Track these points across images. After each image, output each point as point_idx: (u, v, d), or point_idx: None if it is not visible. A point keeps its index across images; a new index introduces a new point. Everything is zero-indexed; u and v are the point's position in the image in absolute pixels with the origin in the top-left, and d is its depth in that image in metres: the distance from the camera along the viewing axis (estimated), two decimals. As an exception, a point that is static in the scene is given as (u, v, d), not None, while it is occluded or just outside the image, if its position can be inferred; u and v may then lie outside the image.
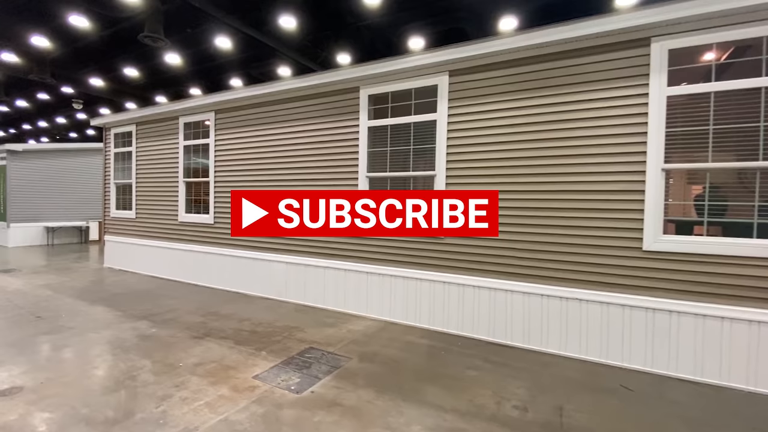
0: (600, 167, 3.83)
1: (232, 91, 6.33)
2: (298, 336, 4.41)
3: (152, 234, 7.69)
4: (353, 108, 5.26)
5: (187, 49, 15.52)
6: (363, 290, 5.22)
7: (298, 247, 5.79)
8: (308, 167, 5.69)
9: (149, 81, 19.78)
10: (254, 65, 17.19)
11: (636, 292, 3.71)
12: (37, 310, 5.22)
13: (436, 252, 4.69)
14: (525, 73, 4.15)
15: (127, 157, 8.22)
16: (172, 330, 4.51)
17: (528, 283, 4.17)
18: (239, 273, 6.43)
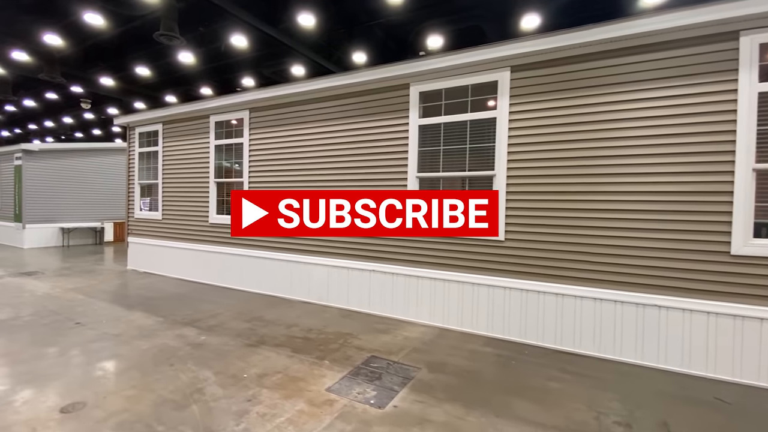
0: (683, 167, 3.63)
1: (269, 89, 6.13)
2: (355, 343, 4.22)
3: (180, 236, 7.49)
4: (402, 106, 5.07)
5: (199, 48, 15.34)
6: (413, 295, 5.02)
7: (340, 250, 5.60)
8: (351, 167, 5.49)
9: (160, 80, 19.61)
10: (266, 64, 17.02)
11: (722, 298, 3.52)
12: (74, 315, 5.02)
13: (496, 255, 4.49)
14: (599, 68, 3.95)
15: (152, 157, 8.02)
16: (222, 337, 4.32)
17: (600, 289, 3.97)
18: (276, 276, 6.23)
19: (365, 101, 5.37)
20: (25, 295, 6.02)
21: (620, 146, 3.86)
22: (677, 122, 3.64)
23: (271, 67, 17.46)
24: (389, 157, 5.17)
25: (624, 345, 3.90)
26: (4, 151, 12.29)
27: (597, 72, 3.96)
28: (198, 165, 7.19)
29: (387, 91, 5.18)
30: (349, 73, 5.34)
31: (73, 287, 6.60)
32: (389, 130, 5.17)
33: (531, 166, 4.30)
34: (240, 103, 6.51)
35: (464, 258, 4.68)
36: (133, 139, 8.34)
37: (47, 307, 5.39)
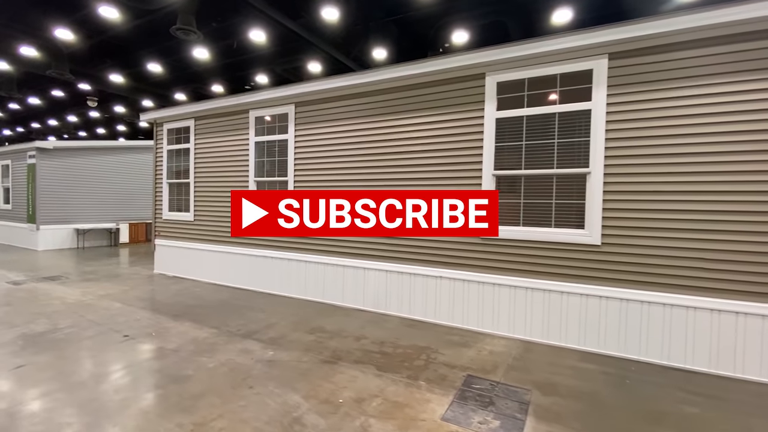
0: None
1: (318, 81, 5.71)
2: (440, 359, 3.80)
3: (214, 238, 7.06)
4: (475, 98, 4.66)
5: (211, 44, 14.90)
6: (489, 304, 4.61)
7: (400, 254, 5.19)
8: (412, 165, 5.08)
9: (170, 77, 19.15)
10: (280, 61, 16.60)
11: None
12: (118, 326, 4.59)
13: (591, 262, 4.08)
14: (720, 54, 3.55)
15: (182, 155, 7.58)
16: (291, 352, 3.89)
17: (717, 299, 3.57)
18: (326, 282, 5.81)
19: (431, 94, 4.95)
20: (56, 303, 5.58)
21: (748, 140, 3.46)
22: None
23: (285, 64, 17.04)
24: (459, 153, 4.76)
25: (747, 362, 3.50)
26: (16, 150, 11.82)
27: (722, 58, 3.54)
28: (235, 163, 6.75)
29: (458, 82, 4.76)
30: (415, 62, 4.92)
31: (104, 294, 6.16)
32: (459, 125, 4.76)
33: (631, 163, 3.89)
34: (285, 96, 6.08)
35: (552, 265, 4.27)
36: (161, 135, 7.89)
37: (85, 316, 4.95)
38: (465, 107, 4.73)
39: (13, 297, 5.86)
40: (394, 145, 5.22)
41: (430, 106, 4.97)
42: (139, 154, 13.21)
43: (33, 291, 6.27)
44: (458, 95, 4.78)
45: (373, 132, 5.39)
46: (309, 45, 13.97)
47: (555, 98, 4.26)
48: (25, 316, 4.93)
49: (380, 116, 5.32)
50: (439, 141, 4.90)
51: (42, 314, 5.01)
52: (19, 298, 5.77)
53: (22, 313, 5.03)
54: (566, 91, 4.20)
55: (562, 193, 4.25)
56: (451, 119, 4.82)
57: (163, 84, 20.13)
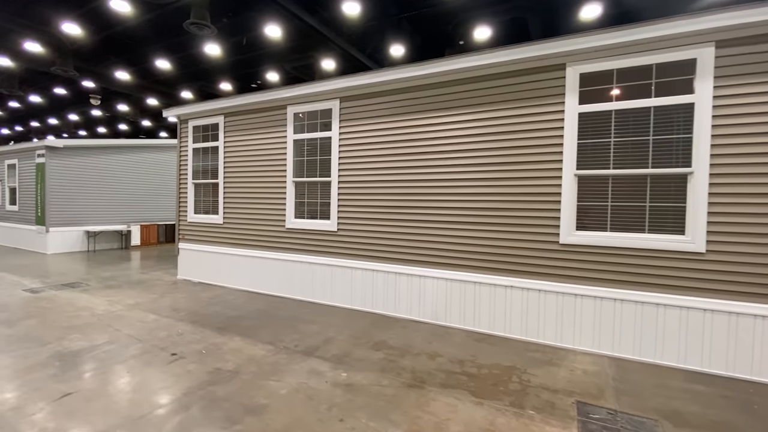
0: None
1: (367, 74, 5.29)
2: (534, 381, 3.40)
3: (246, 242, 6.62)
4: (553, 90, 4.26)
5: (224, 40, 14.45)
6: (570, 316, 4.21)
7: (464, 261, 4.78)
8: (477, 164, 4.68)
9: (177, 75, 18.67)
10: (292, 58, 16.18)
11: None
12: (161, 342, 4.15)
13: (694, 271, 3.69)
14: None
15: (209, 154, 7.13)
16: (365, 373, 3.48)
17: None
18: (376, 290, 5.39)
19: (498, 86, 4.55)
20: (84, 314, 5.12)
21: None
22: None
23: (296, 62, 16.64)
24: (534, 152, 4.36)
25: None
26: (23, 148, 11.30)
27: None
28: (271, 163, 6.32)
29: (532, 73, 4.37)
30: (483, 52, 4.52)
31: (133, 303, 5.70)
32: (534, 119, 4.37)
33: (743, 162, 3.51)
34: (329, 91, 5.66)
35: (645, 274, 3.87)
36: (186, 133, 7.44)
37: (121, 331, 4.50)
38: (540, 101, 4.33)
39: (35, 308, 5.39)
40: (454, 143, 4.82)
41: (497, 100, 4.57)
42: (151, 153, 12.73)
43: (54, 300, 5.80)
44: (532, 88, 4.38)
45: (429, 128, 4.98)
46: (324, 41, 13.56)
47: (649, 91, 3.87)
48: (54, 330, 4.47)
49: (438, 111, 4.91)
50: (508, 138, 4.50)
51: (73, 328, 4.56)
52: (43, 309, 5.31)
53: (51, 327, 4.57)
54: (663, 83, 3.81)
55: (657, 195, 3.87)
56: (523, 114, 4.42)
57: (168, 82, 19.68)
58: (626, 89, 3.96)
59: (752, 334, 3.50)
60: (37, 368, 3.47)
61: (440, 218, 4.91)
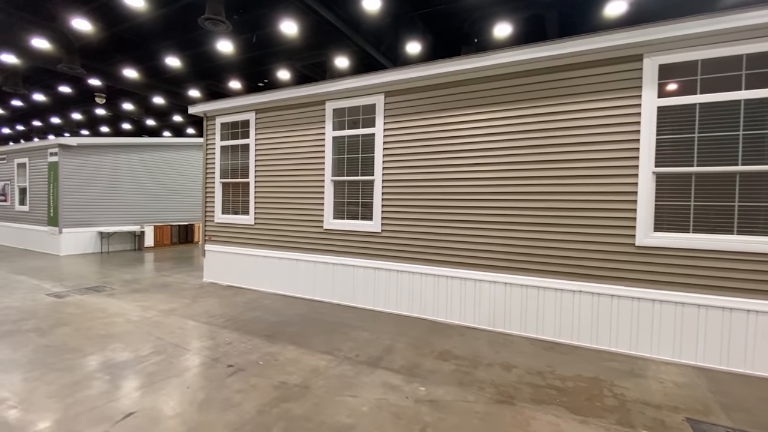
0: None
1: (416, 68, 5.01)
2: (629, 395, 3.14)
3: (281, 244, 6.34)
4: (628, 83, 4.01)
5: (235, 37, 14.19)
6: (647, 323, 3.95)
7: (522, 264, 4.52)
8: (533, 162, 4.43)
9: (186, 73, 18.37)
10: (304, 56, 15.92)
11: None
12: (211, 352, 3.87)
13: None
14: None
15: (239, 152, 6.84)
16: (446, 388, 3.21)
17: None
18: (424, 294, 5.12)
19: (563, 79, 4.30)
20: (119, 321, 4.83)
21: None
22: None
23: (307, 59, 16.39)
24: (607, 148, 4.11)
25: None
26: (34, 147, 10.96)
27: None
28: (308, 160, 6.04)
29: (603, 65, 4.11)
30: (546, 43, 4.26)
31: (167, 308, 5.41)
32: (604, 114, 4.11)
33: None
34: (373, 85, 5.39)
35: (735, 279, 3.62)
36: (213, 130, 7.14)
37: (164, 339, 4.22)
38: (612, 94, 4.08)
39: (65, 314, 5.10)
40: (510, 139, 4.56)
41: (562, 94, 4.31)
42: (165, 151, 12.43)
43: (82, 305, 5.50)
44: (602, 81, 4.12)
45: (482, 124, 4.72)
46: (340, 38, 13.32)
47: (739, 83, 3.62)
48: (92, 339, 4.18)
49: (492, 106, 4.65)
50: (576, 134, 4.24)
51: (112, 337, 4.26)
52: (73, 315, 5.01)
53: (88, 336, 4.28)
54: (755, 75, 3.57)
55: (748, 194, 3.62)
56: (594, 108, 4.17)
57: (175, 80, 19.39)
58: (712, 81, 3.71)
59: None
60: (85, 383, 3.19)
61: (498, 219, 4.65)
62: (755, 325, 3.56)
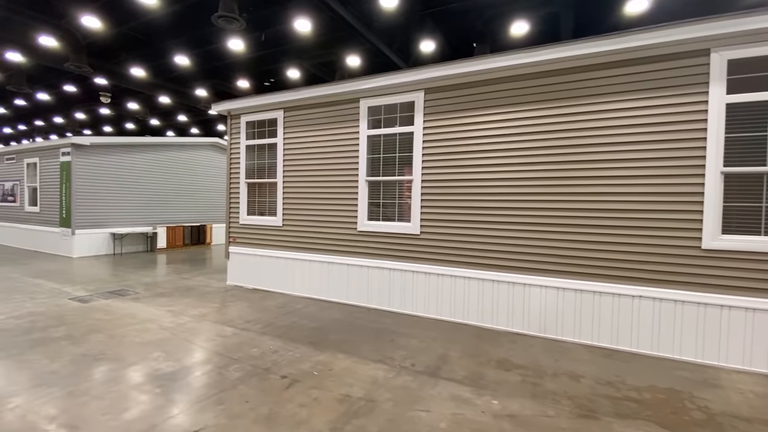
0: None
1: (457, 63, 4.83)
2: (715, 408, 2.97)
3: (311, 246, 6.15)
4: (693, 79, 3.83)
5: (248, 35, 13.98)
6: (714, 330, 3.77)
7: (576, 267, 4.34)
8: (588, 160, 4.25)
9: (193, 72, 18.15)
10: (315, 54, 15.73)
11: None
12: (259, 362, 3.67)
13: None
14: None
15: (265, 151, 6.65)
16: (520, 401, 3.03)
17: None
18: (468, 299, 4.94)
19: (623, 75, 4.12)
20: (152, 327, 4.63)
21: None
22: None
23: (317, 59, 16.23)
24: (670, 146, 3.93)
25: None
26: (45, 146, 10.74)
27: None
28: (340, 160, 5.85)
29: (667, 60, 3.93)
30: (607, 36, 4.08)
31: (198, 314, 5.21)
32: (666, 111, 3.94)
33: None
34: (412, 82, 5.20)
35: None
36: (238, 129, 6.94)
37: (206, 347, 4.02)
38: (676, 90, 3.90)
39: (94, 320, 4.89)
40: (564, 137, 4.38)
41: (621, 90, 4.14)
42: (178, 151, 12.22)
43: (110, 311, 5.29)
44: (666, 76, 3.95)
45: (531, 122, 4.54)
46: (354, 35, 13.13)
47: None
48: (130, 348, 3.98)
49: (540, 103, 4.47)
50: (635, 132, 4.07)
51: (150, 345, 4.06)
52: (103, 322, 4.81)
53: (124, 344, 4.08)
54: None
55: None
56: (655, 105, 3.99)
57: (182, 79, 19.18)
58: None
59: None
60: (137, 397, 2.99)
61: (548, 221, 4.48)
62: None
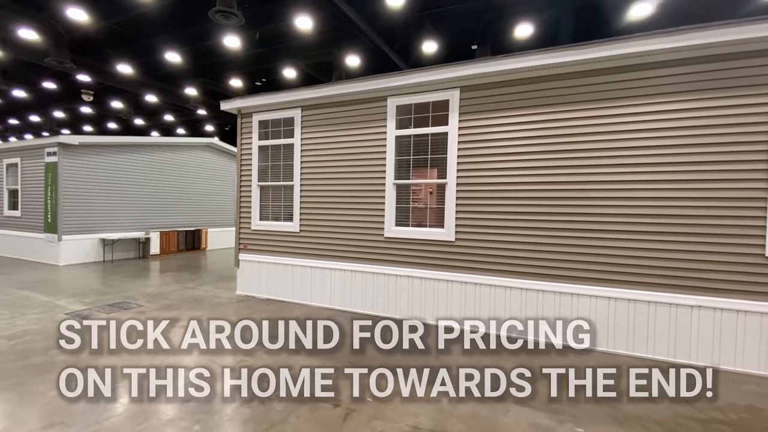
0: None
1: (499, 60, 4.57)
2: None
3: (332, 253, 5.77)
4: (756, 79, 3.67)
5: (244, 31, 13.49)
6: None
7: (627, 276, 4.12)
8: (638, 163, 4.05)
9: (182, 70, 17.42)
10: (312, 53, 15.31)
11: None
12: (302, 386, 3.29)
13: None
14: None
15: (281, 151, 6.24)
16: (605, 428, 2.75)
17: None
18: (509, 309, 4.67)
19: (689, 73, 3.93)
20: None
21: None
22: None
23: (315, 58, 15.81)
24: (727, 149, 3.75)
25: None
26: (28, 146, 10.00)
27: None
28: (365, 162, 5.51)
29: (737, 59, 3.75)
30: (665, 32, 3.88)
31: (215, 329, 4.76)
32: (731, 112, 3.76)
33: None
34: (446, 79, 4.91)
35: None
36: (249, 128, 6.51)
37: (235, 369, 3.61)
38: (740, 91, 3.74)
39: (101, 339, 4.39)
40: (610, 140, 4.17)
41: (684, 90, 3.95)
42: (172, 152, 11.63)
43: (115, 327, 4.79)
44: (737, 75, 3.76)
45: (578, 122, 4.31)
46: (355, 34, 12.81)
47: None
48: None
49: (593, 102, 4.25)
50: (701, 134, 3.88)
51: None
52: (112, 341, 4.31)
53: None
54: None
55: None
56: (728, 105, 3.80)
57: (170, 77, 18.40)
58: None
59: None
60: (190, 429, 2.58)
61: (596, 226, 4.25)
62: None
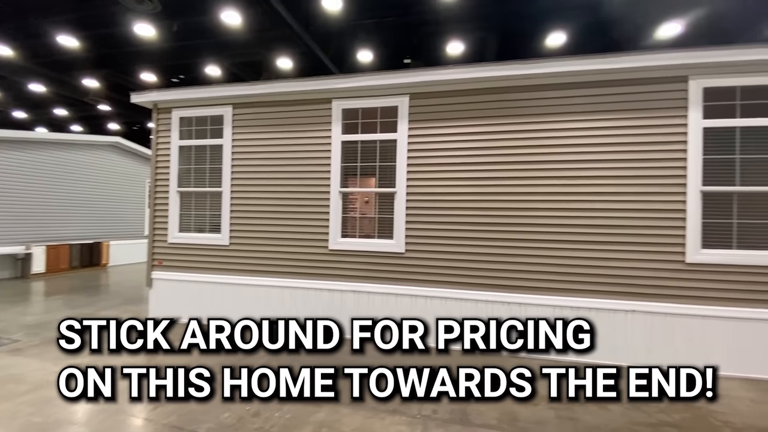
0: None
1: (462, 68, 4.50)
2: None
3: (269, 269, 5.16)
4: (671, 102, 4.06)
5: (159, 21, 12.24)
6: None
7: (570, 284, 4.27)
8: (586, 176, 4.27)
9: (79, 57, 15.11)
10: (239, 53, 14.46)
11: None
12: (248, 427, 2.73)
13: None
14: None
15: (207, 153, 5.48)
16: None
17: None
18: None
19: (599, 95, 4.22)
20: (54, 396, 3.25)
21: None
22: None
23: (242, 57, 14.92)
24: (647, 165, 4.09)
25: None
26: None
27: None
28: (307, 168, 5.05)
29: (646, 84, 4.11)
30: (616, 55, 4.12)
31: (122, 365, 3.89)
32: (648, 131, 4.11)
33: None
34: (396, 85, 4.71)
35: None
36: (167, 126, 5.63)
37: (152, 419, 2.89)
38: (659, 113, 4.10)
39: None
40: (540, 152, 4.33)
41: (608, 109, 4.23)
42: (68, 151, 9.80)
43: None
44: (650, 98, 4.13)
45: (524, 136, 4.42)
46: (288, 35, 12.29)
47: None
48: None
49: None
50: (627, 150, 4.17)
51: (57, 427, 2.78)
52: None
53: (12, 429, 2.73)
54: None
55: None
56: (651, 125, 4.13)
57: (64, 65, 15.84)
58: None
59: None
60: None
61: (543, 237, 4.35)
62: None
